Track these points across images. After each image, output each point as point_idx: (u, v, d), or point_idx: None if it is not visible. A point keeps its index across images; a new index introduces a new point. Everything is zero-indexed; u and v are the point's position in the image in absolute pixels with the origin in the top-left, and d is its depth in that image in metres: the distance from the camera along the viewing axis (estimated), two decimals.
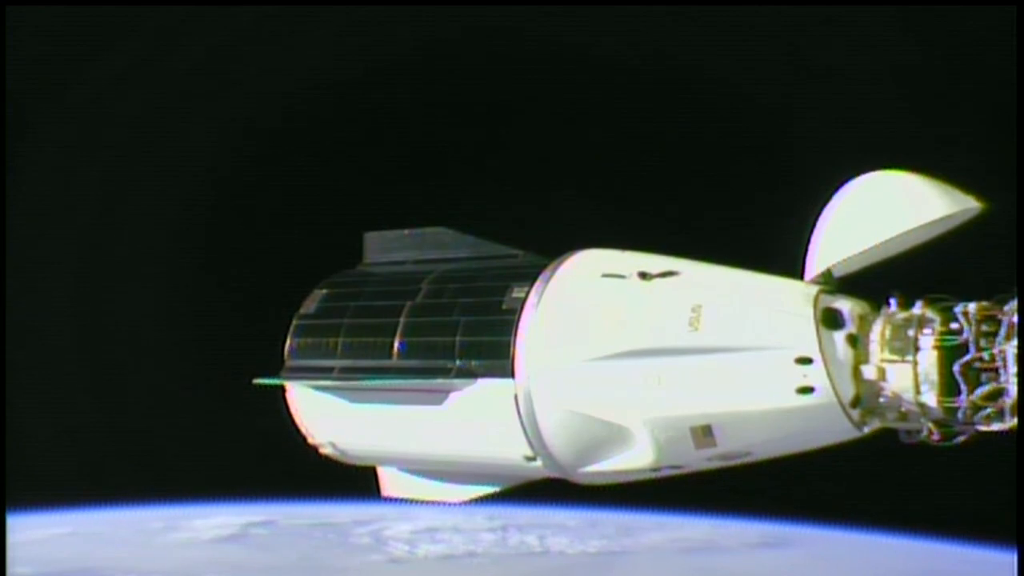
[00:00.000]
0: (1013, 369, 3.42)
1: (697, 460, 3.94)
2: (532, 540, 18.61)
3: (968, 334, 3.50)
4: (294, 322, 4.80)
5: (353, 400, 4.55)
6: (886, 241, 3.70)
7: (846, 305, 3.77)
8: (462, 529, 18.93)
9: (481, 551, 17.98)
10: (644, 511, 19.49)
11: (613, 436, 3.95)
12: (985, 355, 3.48)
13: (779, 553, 18.40)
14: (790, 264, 3.99)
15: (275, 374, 4.69)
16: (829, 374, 3.59)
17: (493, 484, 4.69)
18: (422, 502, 4.93)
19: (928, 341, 3.57)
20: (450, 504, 4.87)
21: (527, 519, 19.40)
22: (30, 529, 17.33)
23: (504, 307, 4.17)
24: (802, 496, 15.27)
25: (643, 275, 4.00)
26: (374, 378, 4.41)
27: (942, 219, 3.71)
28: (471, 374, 4.15)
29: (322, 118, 15.97)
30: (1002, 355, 3.45)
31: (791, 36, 13.74)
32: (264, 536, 19.05)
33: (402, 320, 4.43)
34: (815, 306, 3.71)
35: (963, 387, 3.49)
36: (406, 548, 18.00)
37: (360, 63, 15.74)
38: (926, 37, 12.78)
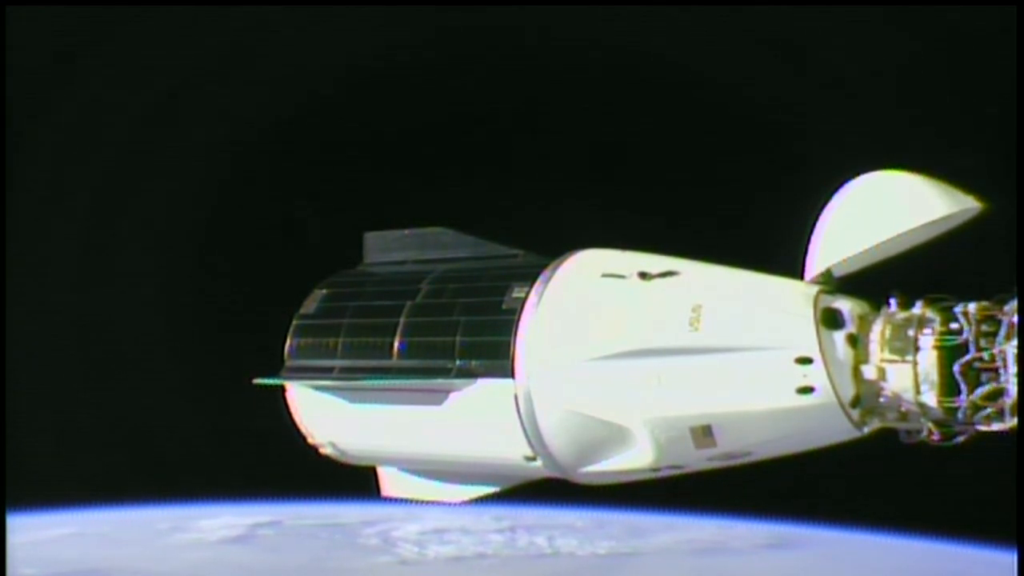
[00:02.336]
0: (1013, 369, 3.42)
1: (697, 460, 3.95)
2: (541, 541, 18.58)
3: (968, 334, 3.50)
4: (294, 322, 4.80)
5: (353, 400, 4.55)
6: (886, 241, 3.70)
7: (846, 305, 3.77)
8: (470, 530, 18.89)
9: (491, 552, 17.93)
10: (651, 512, 19.50)
11: (613, 436, 3.95)
12: (985, 355, 3.48)
13: (788, 554, 18.35)
14: (790, 264, 3.99)
15: (275, 374, 4.69)
16: (829, 374, 3.59)
17: (493, 484, 4.69)
18: (422, 502, 4.93)
19: (928, 341, 3.57)
20: (450, 504, 4.88)
21: (534, 520, 19.38)
22: (34, 529, 17.32)
23: (504, 307, 4.17)
24: (810, 497, 15.25)
25: (643, 275, 4.00)
26: (374, 378, 4.41)
27: (942, 219, 3.71)
28: (471, 374, 4.15)
29: (322, 117, 15.97)
30: (1002, 355, 3.45)
31: (792, 36, 13.74)
32: (271, 537, 19.01)
33: (402, 320, 4.43)
34: (815, 306, 3.71)
35: (963, 387, 3.49)
36: (415, 549, 17.95)
37: (360, 63, 15.75)
38: (926, 37, 12.78)
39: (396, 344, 4.39)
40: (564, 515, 19.55)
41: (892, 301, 3.75)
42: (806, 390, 3.61)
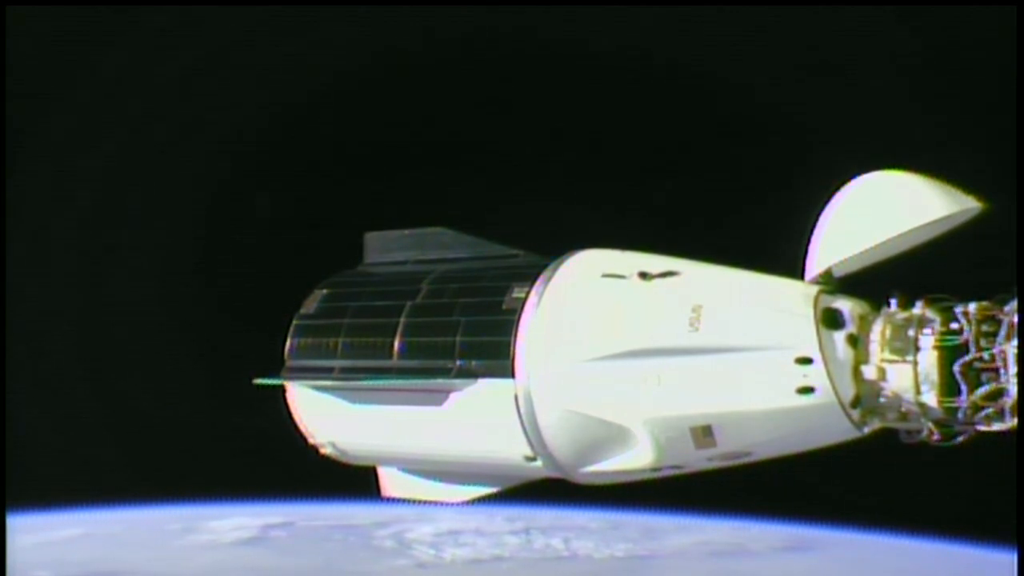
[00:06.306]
0: (1013, 369, 3.42)
1: (697, 460, 3.95)
2: (558, 543, 18.40)
3: (968, 334, 3.51)
4: (294, 322, 4.80)
5: (353, 400, 4.55)
6: (886, 241, 3.70)
7: (846, 305, 3.77)
8: (485, 532, 18.71)
9: (508, 555, 17.77)
10: (664, 513, 19.44)
11: (613, 436, 3.95)
12: (985, 355, 3.48)
13: (806, 556, 18.25)
14: (790, 264, 3.99)
15: (275, 374, 4.70)
16: (829, 374, 3.59)
17: (493, 484, 4.69)
18: (422, 502, 4.94)
19: (928, 341, 3.57)
20: (450, 504, 4.88)
21: (548, 521, 19.24)
22: (43, 530, 17.27)
23: (504, 307, 4.18)
24: (826, 498, 15.21)
25: (643, 275, 4.01)
26: (374, 378, 4.41)
27: (942, 219, 3.71)
28: (471, 374, 4.15)
29: (322, 117, 15.98)
30: (1002, 355, 3.45)
31: (792, 35, 13.74)
32: (285, 539, 18.82)
33: (402, 320, 4.43)
34: (815, 306, 3.71)
35: (963, 387, 3.49)
36: (431, 552, 17.81)
37: (360, 62, 15.74)
38: (926, 37, 12.79)
39: (396, 344, 4.39)
40: (577, 516, 19.45)
41: (892, 301, 3.75)
42: (806, 390, 3.61)
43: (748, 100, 14.24)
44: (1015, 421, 3.45)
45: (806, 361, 3.60)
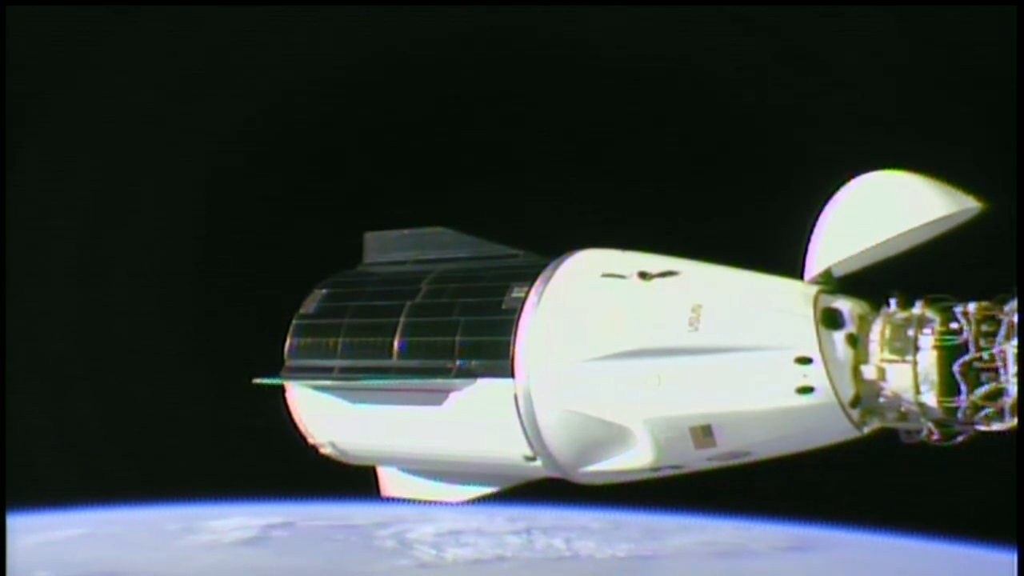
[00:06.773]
0: (1013, 369, 3.42)
1: (697, 460, 3.95)
2: (559, 543, 18.40)
3: (968, 334, 3.51)
4: (294, 322, 4.80)
5: (353, 400, 4.56)
6: (886, 241, 3.70)
7: (846, 305, 3.77)
8: (486, 532, 18.70)
9: (510, 555, 17.74)
10: (666, 512, 19.43)
11: (613, 436, 3.95)
12: (985, 355, 3.48)
13: (808, 556, 18.22)
14: (790, 264, 3.99)
15: (275, 374, 4.70)
16: (829, 374, 3.59)
17: (493, 484, 4.69)
18: (422, 502, 4.93)
19: (928, 341, 3.58)
20: (450, 504, 4.88)
21: (550, 521, 19.23)
22: (44, 530, 17.27)
23: (504, 307, 4.18)
24: (829, 498, 15.19)
25: (643, 275, 4.01)
26: (374, 378, 4.41)
27: (942, 219, 3.71)
28: (471, 374, 4.15)
29: (322, 117, 15.97)
30: (1002, 355, 3.45)
31: (793, 36, 13.74)
32: (285, 539, 18.81)
33: (402, 320, 4.44)
34: (815, 306, 3.72)
35: (963, 387, 3.49)
36: (432, 552, 17.78)
37: (359, 62, 15.74)
38: (926, 37, 12.79)
39: (396, 344, 4.39)
40: (579, 516, 19.43)
41: (892, 301, 3.75)
42: (806, 390, 3.61)
43: (748, 99, 14.25)
44: (1015, 421, 3.45)
45: (806, 361, 3.60)
